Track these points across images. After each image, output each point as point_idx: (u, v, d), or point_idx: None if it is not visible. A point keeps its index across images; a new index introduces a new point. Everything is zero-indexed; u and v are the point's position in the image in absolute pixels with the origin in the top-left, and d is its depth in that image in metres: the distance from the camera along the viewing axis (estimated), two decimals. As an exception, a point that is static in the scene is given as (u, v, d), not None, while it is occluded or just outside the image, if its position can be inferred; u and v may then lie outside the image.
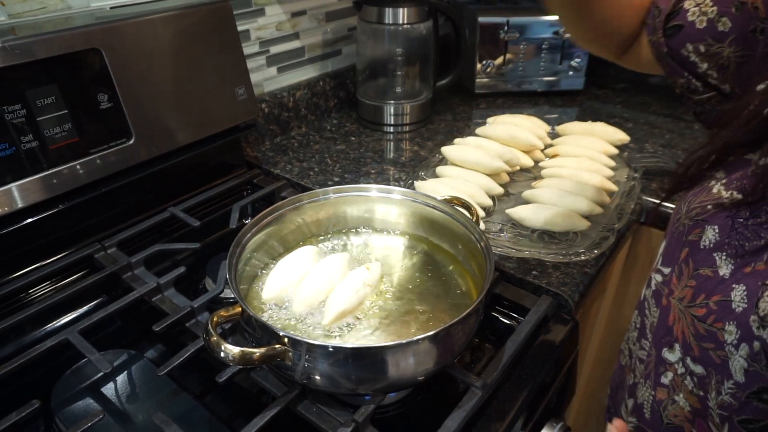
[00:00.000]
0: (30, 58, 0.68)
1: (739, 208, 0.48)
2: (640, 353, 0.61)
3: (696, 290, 0.51)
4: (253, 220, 0.68)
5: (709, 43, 0.56)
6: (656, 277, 0.59)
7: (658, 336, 0.57)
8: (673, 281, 0.55)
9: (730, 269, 0.48)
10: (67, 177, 0.74)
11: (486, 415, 0.59)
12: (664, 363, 0.56)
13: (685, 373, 0.53)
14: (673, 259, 0.56)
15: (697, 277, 0.51)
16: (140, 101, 0.80)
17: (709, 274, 0.50)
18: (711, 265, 0.50)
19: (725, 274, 0.49)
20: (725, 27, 0.55)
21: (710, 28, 0.56)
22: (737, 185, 0.50)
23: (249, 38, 1.08)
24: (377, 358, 0.53)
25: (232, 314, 0.56)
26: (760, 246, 0.45)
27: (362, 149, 1.13)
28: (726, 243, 0.49)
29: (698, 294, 0.51)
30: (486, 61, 1.33)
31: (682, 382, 0.53)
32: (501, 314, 0.74)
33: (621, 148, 1.06)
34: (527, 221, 0.85)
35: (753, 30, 0.53)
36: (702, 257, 0.51)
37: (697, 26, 0.57)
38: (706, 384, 0.51)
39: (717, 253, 0.50)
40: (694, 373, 0.52)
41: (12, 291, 0.72)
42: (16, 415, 0.55)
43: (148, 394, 0.63)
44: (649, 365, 0.58)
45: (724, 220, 0.49)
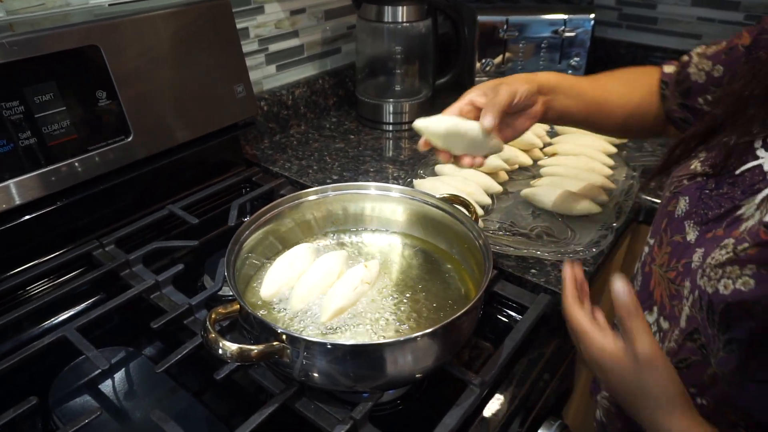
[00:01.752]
0: (28, 55, 0.68)
1: (707, 181, 0.54)
2: None
3: (671, 256, 0.56)
4: (251, 217, 0.68)
5: (712, 91, 0.67)
6: (645, 248, 0.63)
7: (642, 300, 0.59)
8: (655, 249, 0.60)
9: (696, 235, 0.53)
10: (66, 174, 0.74)
11: (484, 412, 0.59)
12: None
13: (657, 331, 0.56)
14: (657, 230, 0.60)
15: (672, 243, 0.56)
16: (139, 98, 0.80)
17: (680, 240, 0.55)
18: (681, 231, 0.55)
19: (691, 240, 0.53)
20: (719, 72, 0.66)
21: (709, 79, 0.67)
22: (710, 162, 0.55)
23: (248, 36, 1.07)
24: (375, 355, 0.53)
25: (230, 311, 0.56)
26: (720, 214, 0.50)
27: (361, 147, 1.13)
28: (694, 212, 0.54)
29: (672, 259, 0.55)
30: (485, 59, 1.33)
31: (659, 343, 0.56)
32: (499, 312, 0.74)
33: (620, 147, 1.06)
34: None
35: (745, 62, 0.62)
36: (675, 225, 0.56)
37: (699, 81, 0.68)
38: (665, 337, 0.55)
39: (687, 221, 0.55)
40: (662, 329, 0.56)
41: (10, 288, 0.72)
42: (13, 412, 0.55)
43: (146, 391, 0.63)
44: None
45: (694, 191, 0.55)
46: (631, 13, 1.46)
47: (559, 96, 0.69)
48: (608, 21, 1.49)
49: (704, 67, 0.68)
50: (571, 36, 1.29)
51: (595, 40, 1.33)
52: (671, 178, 0.60)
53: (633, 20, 1.46)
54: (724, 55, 0.66)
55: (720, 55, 0.66)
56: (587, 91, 0.72)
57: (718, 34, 1.34)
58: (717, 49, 0.67)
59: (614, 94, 0.74)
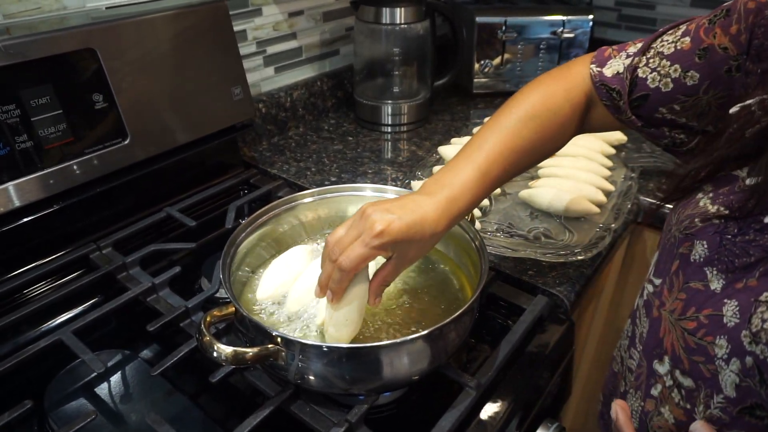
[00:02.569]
0: (25, 58, 0.68)
1: (727, 225, 0.48)
2: (630, 362, 0.60)
3: (686, 303, 0.51)
4: (247, 220, 0.68)
5: (682, 101, 0.57)
6: (648, 287, 0.59)
7: (649, 347, 0.56)
8: (664, 293, 0.55)
9: (722, 284, 0.48)
10: (63, 177, 0.74)
11: (480, 415, 0.59)
12: (654, 375, 0.55)
13: (673, 386, 0.53)
14: (664, 270, 0.56)
15: (688, 290, 0.51)
16: (135, 101, 0.80)
17: (700, 287, 0.50)
18: (702, 278, 0.50)
19: (716, 289, 0.48)
20: (694, 80, 0.55)
21: (679, 87, 0.56)
22: (723, 200, 0.50)
23: (246, 38, 1.08)
24: (371, 357, 0.53)
25: (226, 314, 0.56)
26: (750, 263, 0.46)
27: (360, 149, 1.13)
28: (716, 258, 0.49)
29: (688, 307, 0.51)
30: (484, 61, 1.33)
31: (669, 395, 0.53)
32: (496, 314, 0.74)
33: (618, 148, 1.06)
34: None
35: (728, 70, 0.53)
36: (692, 271, 0.51)
37: (663, 90, 0.57)
38: (694, 397, 0.50)
39: (708, 268, 0.50)
40: (683, 386, 0.52)
41: (7, 291, 0.72)
42: (8, 416, 0.55)
43: (142, 394, 0.63)
44: (640, 376, 0.57)
45: (712, 236, 0.49)
46: (630, 14, 1.46)
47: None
48: (607, 22, 1.49)
49: (667, 71, 0.57)
50: (570, 37, 1.29)
51: (594, 41, 1.33)
52: (677, 214, 0.55)
53: (632, 21, 1.46)
54: (698, 58, 0.54)
55: (689, 57, 0.55)
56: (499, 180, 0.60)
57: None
58: (679, 47, 0.56)
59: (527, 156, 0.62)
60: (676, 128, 0.61)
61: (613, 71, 0.61)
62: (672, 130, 0.61)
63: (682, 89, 0.56)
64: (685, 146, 0.61)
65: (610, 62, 0.62)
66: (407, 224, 0.52)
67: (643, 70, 0.59)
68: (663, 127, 0.61)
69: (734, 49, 0.52)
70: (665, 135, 0.61)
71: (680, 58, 0.56)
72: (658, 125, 0.61)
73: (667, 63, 0.57)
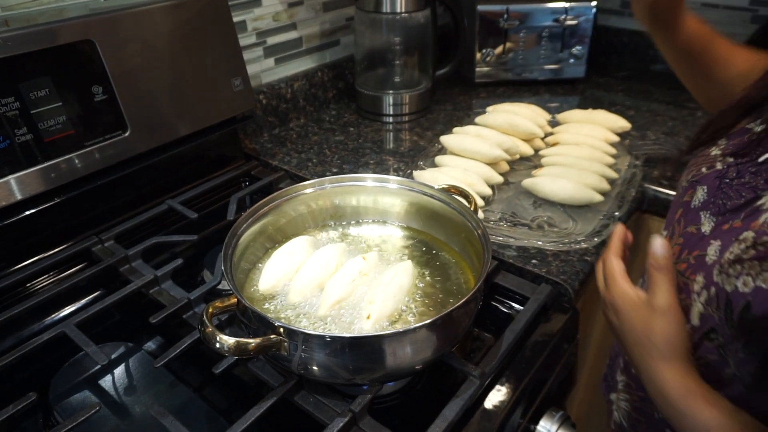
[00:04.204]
0: (23, 50, 0.68)
1: (728, 169, 0.51)
2: None
3: (682, 247, 0.54)
4: (248, 211, 0.68)
5: None
6: None
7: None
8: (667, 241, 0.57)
9: (711, 226, 0.50)
10: (63, 170, 0.74)
11: (484, 404, 0.58)
12: None
13: None
14: (670, 221, 0.58)
15: (685, 234, 0.54)
16: (135, 93, 0.80)
17: (694, 231, 0.53)
18: (696, 222, 0.53)
19: (706, 231, 0.51)
20: None
21: None
22: (731, 150, 0.52)
23: (246, 29, 1.07)
24: (374, 347, 0.53)
25: (228, 305, 0.56)
26: (740, 204, 0.48)
27: (361, 140, 1.13)
28: (711, 202, 0.52)
29: (683, 250, 0.53)
30: (486, 49, 1.32)
31: None
32: (500, 303, 0.73)
33: (623, 136, 1.05)
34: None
35: None
36: (691, 216, 0.54)
37: None
38: None
39: (703, 212, 0.52)
40: None
41: (9, 284, 0.72)
42: (13, 408, 0.55)
43: (146, 386, 0.63)
44: None
45: (713, 180, 0.52)
46: (633, 0, 1.44)
47: None
48: (610, 9, 1.47)
49: None
50: (573, 24, 1.28)
51: (598, 29, 1.32)
52: (689, 167, 0.58)
53: (635, 7, 1.44)
54: None
55: None
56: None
57: (723, 21, 1.32)
58: None
59: None
60: None
61: None
62: None
63: None
64: None
65: None
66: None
67: None
68: None
69: None
70: None
71: None
72: None
73: None
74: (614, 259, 0.56)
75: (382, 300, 0.60)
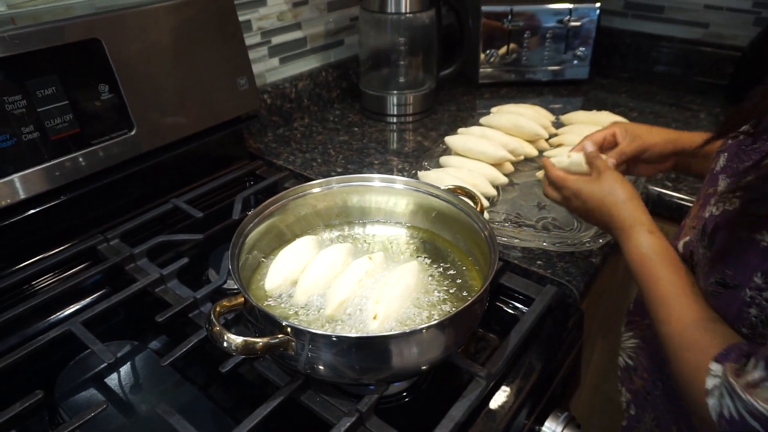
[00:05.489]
0: (30, 49, 0.68)
1: (748, 137, 0.55)
2: None
3: (699, 209, 0.59)
4: (255, 210, 0.68)
5: None
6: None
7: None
8: (693, 208, 0.63)
9: (725, 185, 0.55)
10: (69, 168, 0.74)
11: (490, 404, 0.58)
12: None
13: None
14: (701, 190, 0.62)
15: (705, 196, 0.59)
16: (141, 92, 0.80)
17: (712, 192, 0.57)
18: (715, 184, 0.57)
19: (719, 190, 0.56)
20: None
21: None
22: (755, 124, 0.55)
23: (251, 29, 1.07)
24: (381, 347, 0.53)
25: (235, 304, 0.56)
26: (748, 166, 0.52)
27: (365, 140, 1.13)
28: (728, 165, 0.56)
29: (701, 210, 0.58)
30: (490, 50, 1.32)
31: None
32: (505, 304, 0.74)
33: (626, 138, 1.04)
34: None
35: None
36: (712, 179, 0.59)
37: None
38: None
39: (722, 175, 0.57)
40: None
41: (15, 282, 0.72)
42: (20, 405, 0.55)
43: (152, 384, 0.63)
44: None
45: (733, 147, 0.56)
46: (637, 1, 1.44)
47: (694, 160, 0.72)
48: (614, 10, 1.47)
49: None
50: (577, 26, 1.28)
51: (601, 30, 1.32)
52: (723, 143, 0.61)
53: (639, 9, 1.45)
54: None
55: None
56: None
57: (726, 23, 1.32)
58: None
59: None
60: None
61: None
62: None
63: None
64: None
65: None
66: None
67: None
68: None
69: None
70: None
71: None
72: None
73: None
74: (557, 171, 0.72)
75: (389, 300, 0.60)
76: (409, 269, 0.65)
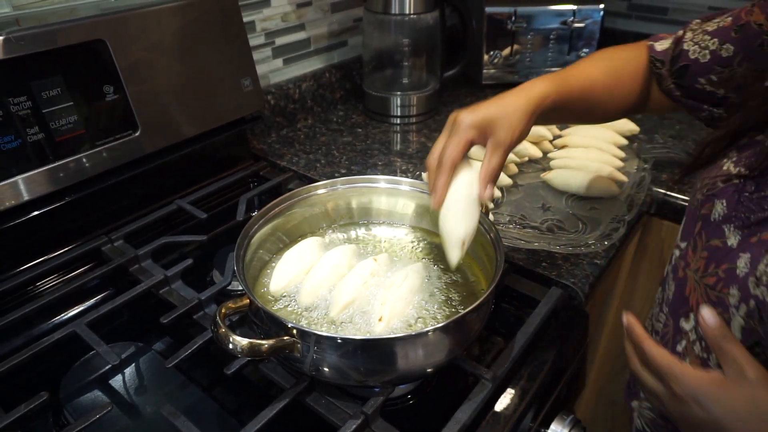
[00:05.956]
0: (35, 50, 0.68)
1: (745, 184, 0.51)
2: (657, 325, 0.62)
3: (708, 261, 0.53)
4: (260, 211, 0.67)
5: (718, 71, 0.64)
6: (675, 252, 0.61)
7: (675, 307, 0.58)
8: (689, 254, 0.57)
9: (738, 240, 0.51)
10: (74, 169, 0.74)
11: (496, 407, 0.58)
12: (680, 332, 0.57)
13: (696, 339, 0.55)
14: (689, 233, 0.58)
15: (709, 248, 0.54)
16: (146, 93, 0.80)
17: (719, 245, 0.53)
18: (720, 236, 0.53)
19: (733, 245, 0.51)
20: (728, 52, 0.62)
21: (715, 58, 0.64)
22: (745, 162, 0.52)
23: (254, 29, 1.07)
24: (386, 349, 0.53)
25: (240, 306, 0.56)
26: (765, 217, 0.48)
27: (369, 141, 1.12)
28: (733, 216, 0.52)
29: (710, 264, 0.53)
30: (493, 51, 1.32)
31: (692, 348, 0.55)
32: (509, 305, 0.73)
33: (631, 139, 1.04)
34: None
35: (760, 45, 0.59)
36: (712, 229, 0.54)
37: (701, 60, 0.65)
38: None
39: (726, 225, 0.52)
40: (703, 339, 0.53)
41: (19, 284, 0.72)
42: (25, 407, 0.55)
43: (156, 386, 0.63)
44: (666, 335, 0.59)
45: (731, 194, 0.52)
46: (640, 3, 1.44)
47: (551, 113, 0.64)
48: (618, 12, 1.47)
49: (706, 44, 0.64)
50: (580, 27, 1.28)
51: (605, 31, 1.31)
52: (702, 179, 0.58)
53: (643, 10, 1.44)
54: (734, 32, 0.62)
55: (728, 32, 0.62)
56: (576, 100, 0.66)
57: (729, 24, 1.32)
58: (721, 24, 0.64)
59: (601, 90, 0.68)
60: (715, 104, 0.66)
61: (663, 47, 0.70)
62: (711, 105, 0.67)
63: (717, 60, 0.63)
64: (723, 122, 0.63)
65: (662, 41, 0.71)
66: (486, 106, 0.58)
67: (687, 44, 0.67)
68: (703, 102, 0.67)
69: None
70: (704, 109, 0.68)
71: (719, 33, 0.64)
72: (699, 98, 0.67)
73: (708, 37, 0.64)
74: (658, 348, 0.51)
75: (394, 302, 0.60)
76: (414, 271, 0.64)
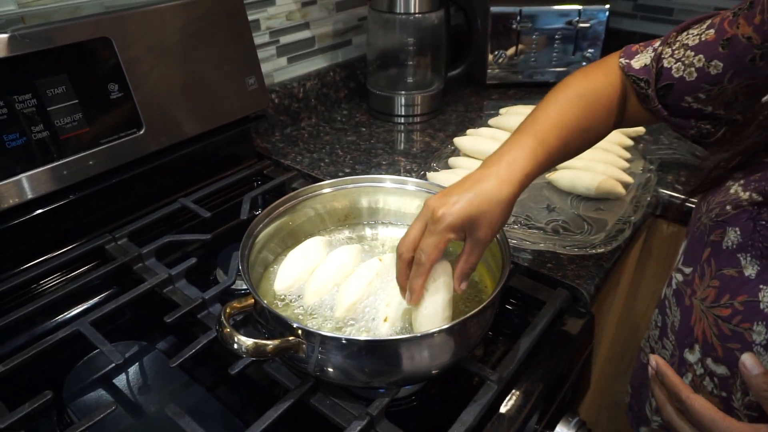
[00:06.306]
0: (40, 48, 0.68)
1: (760, 211, 0.48)
2: (663, 353, 0.60)
3: (720, 290, 0.51)
4: (265, 210, 0.67)
5: (707, 89, 0.59)
6: (677, 276, 0.58)
7: (681, 337, 0.56)
8: (695, 281, 0.54)
9: (757, 270, 0.48)
10: (78, 167, 0.74)
11: (501, 409, 0.58)
12: (685, 364, 0.55)
13: (704, 374, 0.52)
14: (694, 258, 0.55)
15: (721, 277, 0.51)
16: (150, 91, 0.80)
17: (734, 274, 0.50)
18: (735, 265, 0.50)
19: (751, 275, 0.48)
20: (718, 69, 0.57)
21: (702, 76, 0.58)
22: (755, 186, 0.50)
23: (259, 28, 1.07)
24: (391, 351, 0.53)
25: (245, 305, 0.56)
26: None
27: (373, 140, 1.12)
28: (749, 244, 0.49)
29: (722, 294, 0.50)
30: (498, 51, 1.31)
31: (701, 383, 0.53)
32: (516, 307, 0.73)
33: (636, 140, 1.04)
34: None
35: (751, 59, 0.54)
36: (725, 258, 0.51)
37: (687, 79, 0.59)
38: (730, 385, 0.50)
39: (741, 254, 0.49)
40: (715, 374, 0.51)
41: (23, 282, 0.72)
42: (29, 406, 0.54)
43: (160, 385, 0.63)
44: (672, 366, 0.56)
45: (746, 222, 0.49)
46: (646, 3, 1.43)
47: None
48: (623, 12, 1.47)
49: (691, 61, 0.58)
50: (585, 27, 1.27)
51: (610, 32, 1.31)
52: (707, 202, 0.55)
53: (648, 11, 1.44)
54: (721, 48, 0.56)
55: (713, 47, 0.57)
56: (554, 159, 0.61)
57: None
58: (704, 39, 0.58)
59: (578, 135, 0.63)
60: (702, 119, 0.62)
61: (641, 64, 0.64)
62: (698, 121, 0.62)
63: (706, 78, 0.58)
64: (712, 137, 0.62)
65: (637, 56, 0.64)
66: (468, 200, 0.52)
67: (668, 61, 0.61)
68: (690, 118, 0.62)
69: (758, 39, 0.53)
70: (692, 126, 0.63)
71: (704, 49, 0.58)
72: (685, 115, 0.62)
73: (692, 53, 0.59)
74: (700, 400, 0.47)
75: (399, 302, 0.60)
76: None
